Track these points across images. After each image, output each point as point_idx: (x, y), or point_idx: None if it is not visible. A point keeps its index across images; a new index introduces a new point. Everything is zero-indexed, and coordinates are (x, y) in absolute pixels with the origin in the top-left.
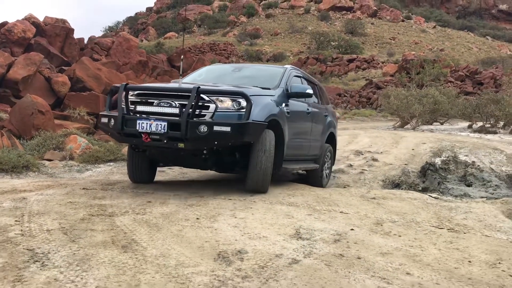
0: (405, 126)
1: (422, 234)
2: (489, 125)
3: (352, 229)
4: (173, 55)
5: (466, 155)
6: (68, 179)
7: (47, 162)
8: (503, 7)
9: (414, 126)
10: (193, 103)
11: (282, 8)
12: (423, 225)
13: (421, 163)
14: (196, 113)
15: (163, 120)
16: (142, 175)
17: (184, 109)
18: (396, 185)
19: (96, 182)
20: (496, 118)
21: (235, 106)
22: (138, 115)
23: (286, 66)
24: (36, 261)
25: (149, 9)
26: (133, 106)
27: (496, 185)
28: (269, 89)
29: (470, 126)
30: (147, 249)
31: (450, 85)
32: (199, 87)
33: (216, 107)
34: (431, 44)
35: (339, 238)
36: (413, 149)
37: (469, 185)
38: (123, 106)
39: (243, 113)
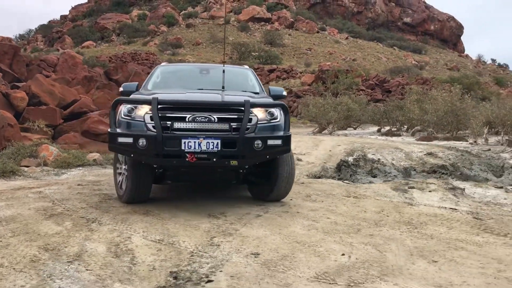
0: (323, 132)
1: (336, 200)
2: (395, 129)
3: (291, 199)
4: (110, 69)
5: (373, 154)
6: (55, 180)
7: (25, 168)
8: (407, 20)
9: (330, 131)
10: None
11: (202, 18)
12: (337, 195)
13: (337, 161)
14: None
15: (216, 138)
16: (144, 194)
17: (235, 125)
18: (318, 178)
19: (82, 181)
20: (401, 122)
21: (268, 117)
22: (176, 132)
23: (246, 66)
24: (93, 222)
25: (63, 17)
26: (168, 123)
27: (394, 175)
28: (258, 93)
29: (379, 130)
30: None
31: (362, 93)
32: (249, 100)
33: (257, 119)
34: (344, 54)
35: (283, 204)
36: (330, 150)
37: (374, 176)
38: (160, 124)
39: (279, 123)
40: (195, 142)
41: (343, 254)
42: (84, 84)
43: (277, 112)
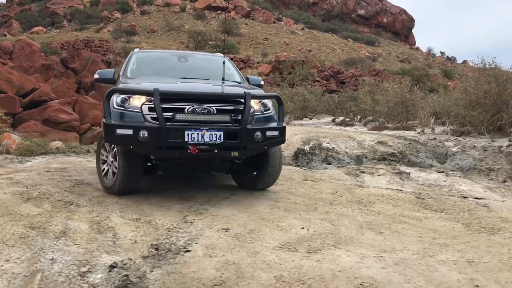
0: None
1: (295, 183)
2: (348, 119)
3: None
4: (67, 57)
5: (328, 143)
6: (21, 167)
7: None
8: (361, 12)
9: (287, 121)
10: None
11: (157, 6)
12: (296, 180)
13: (294, 149)
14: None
15: (218, 129)
16: (136, 185)
17: (234, 116)
18: None
19: (49, 168)
20: (354, 113)
21: (262, 108)
22: (179, 124)
23: (220, 54)
24: (71, 204)
25: (10, 0)
26: (169, 114)
27: (347, 162)
28: (239, 82)
29: (333, 120)
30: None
31: (317, 84)
32: (249, 92)
33: (254, 111)
34: (300, 45)
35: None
36: (287, 140)
37: (329, 163)
38: (162, 115)
39: (271, 114)
40: (198, 133)
41: (302, 228)
42: (42, 72)
43: (269, 103)
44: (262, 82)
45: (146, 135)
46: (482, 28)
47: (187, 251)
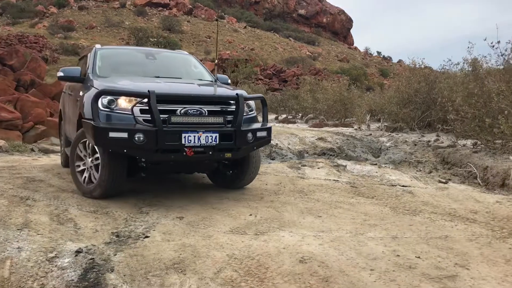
0: None
1: None
2: (290, 117)
3: (203, 177)
4: (3, 53)
5: (271, 140)
6: None
7: None
8: (302, 12)
9: None
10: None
11: (96, 1)
12: None
13: None
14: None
15: (214, 131)
16: (120, 187)
17: (227, 118)
18: None
19: None
20: (296, 110)
21: (247, 109)
22: (175, 126)
23: (184, 51)
24: (27, 199)
25: None
26: (164, 116)
27: (290, 157)
28: (212, 82)
29: (276, 118)
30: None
31: (260, 82)
32: (242, 94)
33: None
34: (243, 44)
35: (196, 181)
36: None
37: (273, 159)
38: (160, 117)
39: (254, 115)
40: (194, 136)
41: (250, 215)
42: None
43: (253, 104)
44: (229, 81)
45: (142, 138)
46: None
47: (146, 237)
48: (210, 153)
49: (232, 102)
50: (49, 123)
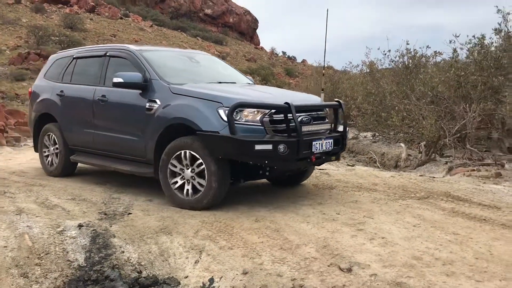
0: None
1: None
2: None
3: None
4: None
5: None
6: None
7: None
8: (208, 11)
9: None
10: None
11: None
12: None
13: None
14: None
15: (330, 137)
16: (225, 194)
17: (333, 124)
18: None
19: None
20: None
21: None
22: (306, 135)
23: (202, 51)
24: (5, 193)
25: None
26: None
27: None
28: (254, 83)
29: None
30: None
31: None
32: (341, 101)
33: None
34: (150, 42)
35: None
36: None
37: None
38: (300, 128)
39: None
40: (320, 143)
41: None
42: None
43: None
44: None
45: (285, 149)
46: (319, 30)
47: (129, 213)
48: (324, 157)
49: (324, 110)
50: None
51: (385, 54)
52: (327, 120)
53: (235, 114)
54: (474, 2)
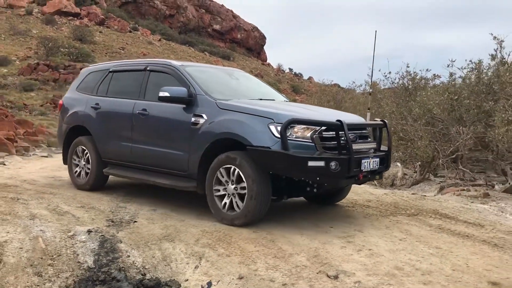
0: None
1: None
2: None
3: None
4: None
5: None
6: None
7: None
8: (217, 27)
9: None
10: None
11: None
12: None
13: None
14: None
15: (376, 156)
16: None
17: (376, 142)
18: None
19: None
20: None
21: None
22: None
23: (235, 68)
24: (18, 199)
25: None
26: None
27: None
28: (289, 100)
29: None
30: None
31: None
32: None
33: None
34: (158, 56)
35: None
36: None
37: None
38: (352, 146)
39: None
40: (368, 162)
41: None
42: None
43: None
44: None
45: (337, 166)
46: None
47: (135, 221)
48: (369, 176)
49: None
50: None
51: (386, 76)
52: (369, 139)
53: (287, 130)
54: (482, 24)
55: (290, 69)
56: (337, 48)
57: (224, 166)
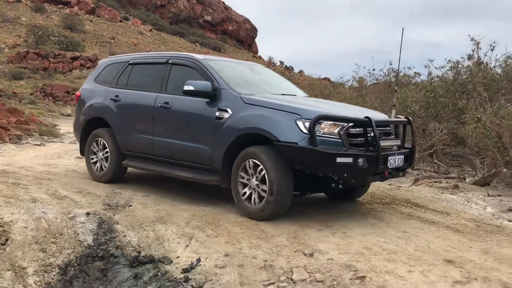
0: None
1: None
2: None
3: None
4: None
5: None
6: None
7: None
8: (208, 18)
9: None
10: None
11: None
12: None
13: None
14: None
15: (401, 153)
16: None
17: (401, 139)
18: None
19: None
20: None
21: None
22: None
23: (254, 63)
24: (18, 185)
25: None
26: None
27: None
28: (308, 96)
29: None
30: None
31: None
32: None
33: None
34: (148, 46)
35: (163, 183)
36: None
37: None
38: (380, 143)
39: None
40: (393, 158)
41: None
42: None
43: None
44: None
45: (364, 162)
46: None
47: (130, 205)
48: (393, 173)
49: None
50: None
51: (370, 72)
52: (392, 136)
53: (314, 126)
54: (473, 19)
55: (281, 62)
56: (329, 41)
57: (245, 163)
